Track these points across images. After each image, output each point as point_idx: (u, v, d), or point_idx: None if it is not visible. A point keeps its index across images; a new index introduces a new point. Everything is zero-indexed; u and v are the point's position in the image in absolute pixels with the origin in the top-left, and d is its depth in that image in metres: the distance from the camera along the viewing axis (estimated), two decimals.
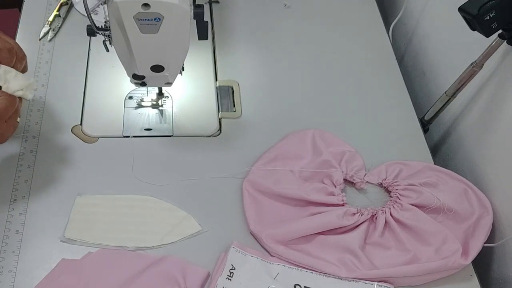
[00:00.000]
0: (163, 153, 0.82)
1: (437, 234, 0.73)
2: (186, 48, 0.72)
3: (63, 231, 0.72)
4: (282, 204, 0.77)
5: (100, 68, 0.91)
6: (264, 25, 1.01)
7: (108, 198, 0.76)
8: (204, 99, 0.89)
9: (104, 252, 0.71)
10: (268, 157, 0.81)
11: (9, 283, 0.67)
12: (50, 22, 0.95)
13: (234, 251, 0.71)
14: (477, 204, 0.77)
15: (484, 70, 0.80)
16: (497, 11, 0.69)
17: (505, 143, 0.78)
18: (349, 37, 1.01)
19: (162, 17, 0.65)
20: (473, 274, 0.73)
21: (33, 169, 0.77)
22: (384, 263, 0.71)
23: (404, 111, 0.91)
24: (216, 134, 0.85)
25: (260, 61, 0.96)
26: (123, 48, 0.70)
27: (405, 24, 1.11)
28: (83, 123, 0.84)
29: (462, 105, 0.90)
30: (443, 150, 0.97)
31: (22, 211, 0.73)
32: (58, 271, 0.68)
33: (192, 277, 0.69)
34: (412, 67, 1.09)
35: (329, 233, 0.74)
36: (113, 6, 0.64)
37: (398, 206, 0.76)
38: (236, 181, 0.79)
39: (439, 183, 0.78)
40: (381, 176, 0.81)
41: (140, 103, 0.87)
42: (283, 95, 0.91)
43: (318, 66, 0.96)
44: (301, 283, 0.70)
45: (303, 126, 0.86)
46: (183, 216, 0.75)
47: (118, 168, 0.79)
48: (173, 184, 0.78)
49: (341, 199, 0.76)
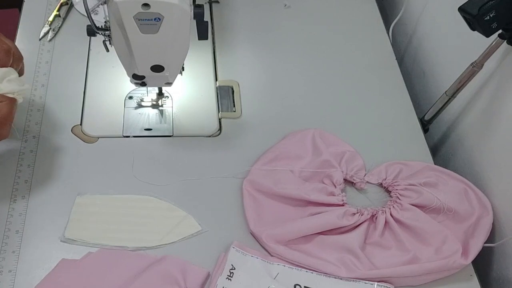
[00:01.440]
0: (163, 153, 0.82)
1: (437, 234, 0.73)
2: (186, 48, 0.72)
3: (63, 231, 0.72)
4: (282, 204, 0.77)
5: (100, 68, 0.91)
6: (264, 25, 1.01)
7: (108, 198, 0.76)
8: (204, 99, 0.89)
9: (104, 252, 0.71)
10: (268, 157, 0.81)
11: (9, 283, 0.67)
12: (50, 22, 0.95)
13: (234, 251, 0.71)
14: (477, 204, 0.77)
15: (484, 70, 0.80)
16: (497, 11, 0.69)
17: (505, 143, 0.78)
18: (349, 37, 1.01)
19: (162, 17, 0.65)
20: (473, 274, 0.73)
21: (33, 169, 0.77)
22: (384, 263, 0.71)
23: (404, 111, 0.91)
24: (216, 134, 0.85)
25: (260, 61, 0.96)
26: (123, 48, 0.70)
27: (405, 24, 1.11)
28: (83, 123, 0.84)
29: (462, 105, 0.90)
30: (443, 150, 0.97)
31: (22, 211, 0.73)
32: (58, 271, 0.68)
33: (192, 277, 0.69)
34: (412, 67, 1.09)
35: (329, 233, 0.74)
36: (113, 6, 0.64)
37: (398, 206, 0.76)
38: (236, 181, 0.79)
39: (439, 183, 0.78)
40: (381, 176, 0.81)
41: (140, 103, 0.87)
42: (283, 95, 0.91)
43: (318, 66, 0.96)
44: (301, 283, 0.70)
45: (303, 126, 0.86)
46: (183, 216, 0.75)
47: (118, 168, 0.79)
48: (173, 184, 0.78)
49: (341, 199, 0.76)
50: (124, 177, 0.78)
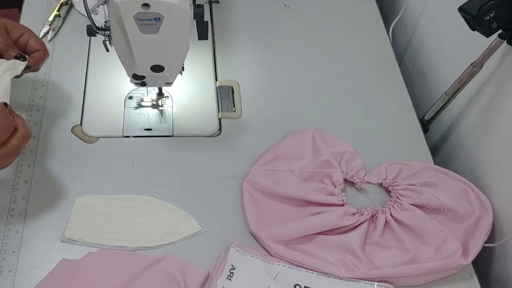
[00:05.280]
0: (163, 153, 0.82)
1: (437, 234, 0.73)
2: (186, 48, 0.72)
3: (63, 231, 0.72)
4: (282, 204, 0.77)
5: (100, 68, 0.91)
6: (264, 25, 1.01)
7: (108, 198, 0.76)
8: (204, 99, 0.89)
9: (104, 252, 0.71)
10: (268, 157, 0.81)
11: (9, 283, 0.67)
12: (50, 22, 0.95)
13: (234, 251, 0.71)
14: (477, 204, 0.77)
15: (484, 70, 0.80)
16: (497, 11, 0.69)
17: (505, 143, 0.78)
18: (349, 37, 1.01)
19: (162, 17, 0.65)
20: (473, 274, 0.73)
21: (33, 169, 0.77)
22: (384, 263, 0.71)
23: (404, 111, 0.91)
24: (216, 134, 0.85)
25: (260, 61, 0.96)
26: (123, 48, 0.70)
27: (405, 24, 1.11)
28: (83, 123, 0.84)
29: (462, 105, 0.90)
30: (443, 150, 0.97)
31: (22, 211, 0.73)
32: (58, 271, 0.68)
33: (192, 277, 0.69)
34: (412, 67, 1.09)
35: (329, 233, 0.74)
36: (113, 6, 0.64)
37: (398, 206, 0.76)
38: (236, 181, 0.79)
39: (439, 183, 0.78)
40: (381, 176, 0.80)
41: (140, 103, 0.87)
42: (283, 95, 0.91)
43: (318, 66, 0.96)
44: (301, 283, 0.70)
45: (303, 126, 0.86)
46: (183, 216, 0.75)
47: (118, 168, 0.79)
48: (173, 184, 0.78)
49: (341, 199, 0.76)
50: (124, 177, 0.78)
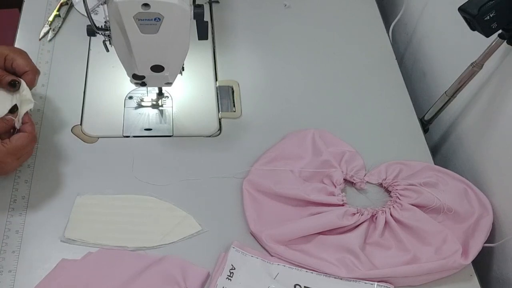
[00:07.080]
0: (163, 153, 0.82)
1: (437, 234, 0.73)
2: (186, 48, 0.72)
3: (63, 231, 0.72)
4: (282, 204, 0.77)
5: (100, 68, 0.91)
6: (264, 25, 1.01)
7: (108, 198, 0.76)
8: (204, 99, 0.89)
9: (104, 252, 0.71)
10: (268, 157, 0.81)
11: (9, 283, 0.67)
12: (50, 22, 0.95)
13: (234, 251, 0.71)
14: (477, 204, 0.77)
15: (484, 70, 0.80)
16: (497, 11, 0.69)
17: (505, 143, 0.78)
18: (349, 37, 1.01)
19: (162, 17, 0.65)
20: (473, 274, 0.73)
21: (33, 170, 0.77)
22: (384, 263, 0.71)
23: (404, 111, 0.91)
24: (216, 134, 0.85)
25: (260, 61, 0.96)
26: (123, 48, 0.70)
27: (405, 24, 1.11)
28: (83, 123, 0.84)
29: (462, 105, 0.90)
30: (443, 150, 0.97)
31: (22, 211, 0.73)
32: (58, 271, 0.68)
33: (192, 277, 0.69)
34: (412, 67, 1.09)
35: (329, 233, 0.74)
36: (113, 6, 0.64)
37: (398, 206, 0.76)
38: (236, 181, 0.79)
39: (439, 183, 0.78)
40: (381, 176, 0.80)
41: (140, 103, 0.87)
42: (283, 95, 0.91)
43: (318, 66, 0.96)
44: (301, 283, 0.70)
45: (303, 126, 0.86)
46: (183, 216, 0.75)
47: (118, 168, 0.79)
48: (173, 184, 0.78)
49: (341, 199, 0.76)
50: (124, 177, 0.78)
